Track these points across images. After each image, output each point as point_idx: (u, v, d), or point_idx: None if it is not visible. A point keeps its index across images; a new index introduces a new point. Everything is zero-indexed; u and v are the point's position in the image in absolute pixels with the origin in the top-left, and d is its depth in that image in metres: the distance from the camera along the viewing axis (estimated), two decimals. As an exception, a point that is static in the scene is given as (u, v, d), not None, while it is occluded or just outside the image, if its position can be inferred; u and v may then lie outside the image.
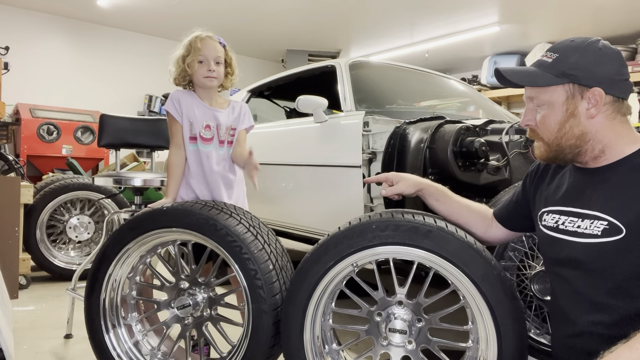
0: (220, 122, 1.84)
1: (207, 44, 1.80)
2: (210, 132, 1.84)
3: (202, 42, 1.79)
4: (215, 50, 1.81)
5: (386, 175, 1.49)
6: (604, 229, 1.05)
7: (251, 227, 1.56)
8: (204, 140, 1.83)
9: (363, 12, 5.06)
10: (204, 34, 1.82)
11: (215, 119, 1.84)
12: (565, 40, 1.14)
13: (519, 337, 1.23)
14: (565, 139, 1.12)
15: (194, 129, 1.82)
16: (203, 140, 1.83)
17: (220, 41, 1.85)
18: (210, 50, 1.80)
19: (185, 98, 1.85)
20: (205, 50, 1.79)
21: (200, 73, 1.79)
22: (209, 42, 1.81)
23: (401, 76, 3.00)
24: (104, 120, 2.75)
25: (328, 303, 1.46)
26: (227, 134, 1.86)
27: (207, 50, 1.79)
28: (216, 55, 1.80)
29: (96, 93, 5.97)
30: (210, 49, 1.80)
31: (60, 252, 3.57)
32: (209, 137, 1.83)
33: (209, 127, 1.84)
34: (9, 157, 3.78)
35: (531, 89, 1.16)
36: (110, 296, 1.70)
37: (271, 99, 3.82)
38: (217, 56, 1.81)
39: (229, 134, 1.87)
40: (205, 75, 1.79)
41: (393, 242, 1.32)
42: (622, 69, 1.10)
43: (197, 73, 1.80)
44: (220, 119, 1.85)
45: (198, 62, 1.79)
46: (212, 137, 1.84)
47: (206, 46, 1.80)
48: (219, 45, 1.83)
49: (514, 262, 1.68)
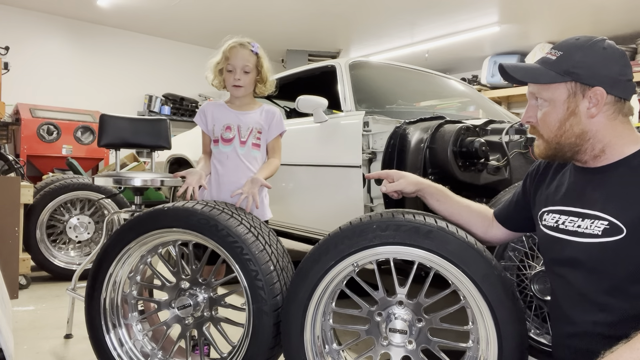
0: (242, 122, 1.88)
1: (236, 52, 1.84)
2: (231, 132, 1.87)
3: (231, 51, 1.84)
4: (243, 59, 1.84)
5: (387, 172, 1.49)
6: (604, 229, 1.05)
7: (252, 227, 1.56)
8: (224, 141, 1.88)
9: (363, 12, 5.06)
10: (236, 42, 1.86)
11: (237, 119, 1.88)
12: (571, 39, 1.14)
13: (519, 337, 1.23)
14: (565, 137, 1.12)
15: (216, 132, 1.89)
16: (224, 141, 1.88)
17: (253, 49, 1.87)
18: (238, 60, 1.83)
19: (211, 108, 1.93)
20: (234, 59, 1.83)
21: (229, 82, 1.86)
22: (238, 50, 1.84)
23: (401, 76, 3.00)
24: (104, 120, 2.75)
25: (328, 303, 1.46)
26: (250, 135, 1.88)
27: (235, 59, 1.83)
28: (244, 64, 1.84)
29: (96, 93, 5.97)
30: (238, 58, 1.83)
31: (60, 252, 3.57)
32: (230, 137, 1.87)
33: (230, 128, 1.88)
34: (9, 157, 3.78)
35: (534, 86, 1.16)
36: (111, 296, 1.70)
37: (271, 99, 3.82)
38: (245, 65, 1.84)
39: (255, 136, 1.88)
40: (232, 84, 1.85)
41: (394, 242, 1.32)
42: (625, 69, 1.10)
43: (227, 81, 1.87)
44: (243, 119, 1.88)
45: (227, 71, 1.85)
46: (233, 137, 1.87)
47: (235, 55, 1.83)
48: (249, 54, 1.86)
49: (514, 262, 1.68)
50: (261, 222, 1.66)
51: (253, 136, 1.88)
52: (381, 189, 1.48)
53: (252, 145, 1.89)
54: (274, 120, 1.93)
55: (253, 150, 1.89)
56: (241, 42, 1.86)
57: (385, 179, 1.48)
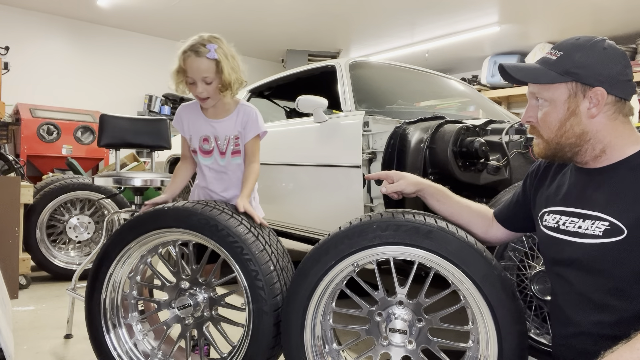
0: (218, 133, 1.78)
1: (191, 63, 1.65)
2: (209, 144, 1.80)
3: (186, 63, 1.66)
4: (199, 70, 1.65)
5: (387, 173, 1.49)
6: (605, 230, 1.05)
7: (252, 227, 1.56)
8: (203, 153, 1.82)
9: (363, 12, 5.06)
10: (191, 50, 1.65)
11: (213, 129, 1.78)
12: (571, 39, 1.14)
13: (519, 337, 1.23)
14: (565, 137, 1.12)
15: (193, 143, 1.82)
16: (203, 154, 1.82)
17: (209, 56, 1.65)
18: (195, 71, 1.66)
19: (187, 113, 1.83)
20: (190, 72, 1.66)
21: (193, 94, 1.71)
22: (194, 61, 1.65)
23: (401, 76, 3.00)
24: (104, 120, 2.76)
25: (328, 303, 1.46)
26: (229, 144, 1.79)
27: (192, 72, 1.66)
28: (202, 76, 1.66)
29: (96, 93, 5.97)
30: (194, 70, 1.65)
31: (60, 252, 3.57)
32: (209, 149, 1.80)
33: (207, 140, 1.80)
34: (9, 157, 3.78)
35: (534, 86, 1.16)
36: (111, 296, 1.70)
37: (271, 99, 3.82)
38: (204, 76, 1.66)
39: (233, 143, 1.79)
40: (195, 96, 1.72)
41: (394, 242, 1.33)
42: (625, 69, 1.10)
43: (191, 92, 1.72)
44: (219, 128, 1.78)
45: (188, 84, 1.70)
46: (212, 149, 1.80)
47: (190, 66, 1.65)
48: (207, 63, 1.65)
49: (514, 262, 1.68)
50: (269, 228, 1.66)
51: (232, 143, 1.78)
52: (381, 189, 1.48)
53: (232, 153, 1.80)
54: (249, 121, 1.77)
55: (234, 158, 1.81)
56: (196, 49, 1.65)
57: (385, 180, 1.48)
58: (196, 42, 1.67)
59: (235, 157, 1.81)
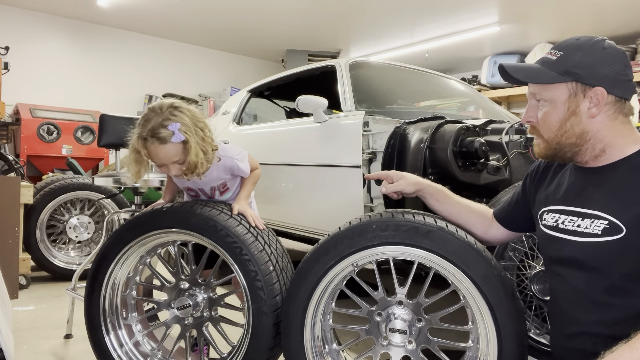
0: (202, 185, 1.70)
1: (156, 152, 1.46)
2: (194, 192, 1.75)
3: (150, 151, 1.47)
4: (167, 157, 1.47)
5: (387, 173, 1.49)
6: (604, 228, 1.05)
7: (252, 228, 1.56)
8: (190, 196, 1.78)
9: (363, 12, 5.06)
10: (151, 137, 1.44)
11: (195, 185, 1.71)
12: (571, 39, 1.14)
13: (519, 337, 1.23)
14: (566, 137, 1.12)
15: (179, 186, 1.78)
16: (190, 196, 1.78)
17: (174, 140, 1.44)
18: (162, 159, 1.48)
19: None
20: (157, 159, 1.49)
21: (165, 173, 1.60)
22: (158, 149, 1.46)
23: (401, 76, 3.00)
24: (104, 120, 2.75)
25: (328, 303, 1.46)
26: (215, 190, 1.73)
27: (158, 159, 1.49)
28: (169, 159, 1.48)
29: (96, 93, 5.97)
30: (161, 158, 1.48)
31: (60, 252, 3.57)
32: (194, 195, 1.76)
33: (192, 190, 1.75)
34: (9, 157, 3.78)
35: (534, 86, 1.16)
36: (110, 296, 1.70)
37: (271, 99, 3.82)
38: (171, 159, 1.48)
39: (221, 188, 1.73)
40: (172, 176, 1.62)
41: (393, 242, 1.32)
42: (625, 69, 1.10)
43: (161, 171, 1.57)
44: (201, 184, 1.70)
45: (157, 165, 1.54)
46: (198, 195, 1.76)
47: (156, 155, 1.48)
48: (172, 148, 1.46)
49: (514, 262, 1.68)
50: (267, 228, 1.66)
51: (218, 189, 1.72)
52: (381, 189, 1.48)
53: (222, 193, 1.74)
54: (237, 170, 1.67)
55: (224, 195, 1.75)
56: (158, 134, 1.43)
57: (384, 180, 1.48)
58: (156, 124, 1.45)
59: (226, 193, 1.76)
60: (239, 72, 6.88)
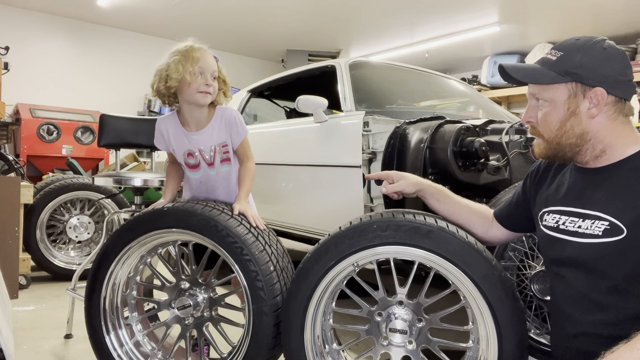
0: (202, 144, 1.70)
1: (205, 56, 1.63)
2: (194, 158, 1.72)
3: (200, 53, 1.62)
4: (213, 64, 1.65)
5: (387, 173, 1.49)
6: (605, 229, 1.05)
7: (252, 228, 1.56)
8: (190, 167, 1.75)
9: (363, 12, 5.06)
10: (199, 45, 1.65)
11: (196, 142, 1.70)
12: (571, 39, 1.14)
13: (519, 337, 1.23)
14: (566, 137, 1.12)
15: (178, 158, 1.76)
16: (190, 168, 1.75)
17: (216, 57, 1.70)
18: (209, 64, 1.63)
19: (166, 125, 1.74)
20: (204, 62, 1.62)
21: (195, 87, 1.61)
22: (206, 54, 1.64)
23: (401, 76, 3.00)
24: (104, 120, 2.75)
25: (329, 303, 1.46)
26: (216, 153, 1.71)
27: (205, 63, 1.62)
28: (213, 70, 1.64)
29: (96, 93, 5.97)
30: (209, 62, 1.63)
31: (60, 252, 3.57)
32: (195, 163, 1.73)
33: (192, 155, 1.72)
34: (9, 157, 3.78)
35: (534, 86, 1.16)
36: (111, 296, 1.70)
37: (271, 99, 3.82)
38: (214, 70, 1.65)
39: (221, 152, 1.71)
40: (200, 90, 1.61)
41: (394, 242, 1.33)
42: (625, 69, 1.10)
43: (191, 86, 1.61)
44: (202, 140, 1.70)
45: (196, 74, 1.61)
46: (199, 162, 1.72)
47: (205, 58, 1.62)
48: (214, 61, 1.67)
49: (514, 262, 1.68)
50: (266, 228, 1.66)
51: (219, 152, 1.70)
52: (381, 190, 1.48)
53: (222, 161, 1.72)
54: (233, 127, 1.71)
55: (224, 166, 1.73)
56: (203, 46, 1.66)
57: (385, 180, 1.48)
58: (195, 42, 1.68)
59: (226, 164, 1.74)
60: (239, 72, 6.88)
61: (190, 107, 1.68)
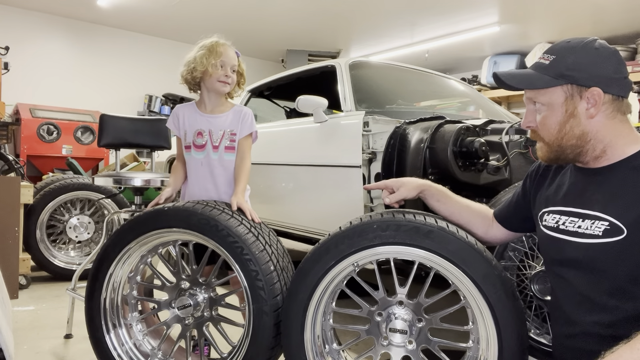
0: (213, 126, 1.84)
1: (227, 50, 1.85)
2: (202, 138, 1.84)
3: (223, 48, 1.84)
4: (234, 58, 1.87)
5: (385, 183, 1.48)
6: (605, 230, 1.05)
7: (252, 228, 1.56)
8: (197, 147, 1.84)
9: (363, 12, 5.06)
10: (223, 41, 1.87)
11: (209, 124, 1.85)
12: (562, 42, 1.15)
13: (519, 337, 1.23)
14: (566, 139, 1.12)
15: (187, 138, 1.86)
16: (196, 148, 1.85)
17: (237, 52, 1.90)
18: (230, 58, 1.85)
19: (184, 112, 1.91)
20: (226, 56, 1.84)
21: (216, 77, 1.82)
22: (228, 49, 1.86)
23: (401, 76, 3.00)
24: (104, 120, 2.75)
25: (329, 303, 1.46)
26: (223, 138, 1.84)
27: (227, 57, 1.84)
28: (233, 64, 1.86)
29: (96, 93, 5.97)
30: (230, 57, 1.85)
31: (60, 252, 3.57)
32: (202, 143, 1.84)
33: (201, 134, 1.85)
34: (9, 157, 3.78)
35: (530, 91, 1.16)
36: (111, 296, 1.70)
37: (271, 99, 3.82)
38: (234, 64, 1.86)
39: (228, 139, 1.84)
40: (220, 79, 1.82)
41: (394, 242, 1.33)
42: (619, 67, 1.10)
43: (212, 76, 1.82)
44: (215, 123, 1.85)
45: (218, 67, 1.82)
46: (205, 142, 1.84)
47: (227, 53, 1.85)
48: (235, 56, 1.89)
49: (514, 262, 1.68)
50: (261, 222, 1.66)
51: (226, 139, 1.84)
52: (384, 201, 1.46)
53: (226, 148, 1.84)
54: (245, 119, 1.88)
55: (227, 153, 1.84)
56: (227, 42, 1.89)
57: (384, 190, 1.48)
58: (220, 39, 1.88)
59: (229, 152, 1.84)
60: (239, 72, 6.88)
61: (210, 94, 1.88)
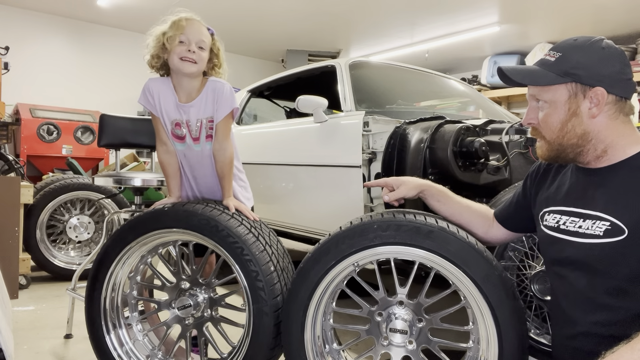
0: (189, 117, 1.66)
1: (192, 24, 1.62)
2: (181, 129, 1.67)
3: (186, 22, 1.61)
4: (199, 33, 1.62)
5: (386, 181, 1.48)
6: (606, 230, 1.05)
7: (253, 228, 1.56)
8: (176, 138, 1.70)
9: (363, 12, 5.06)
10: (190, 15, 1.64)
11: (185, 114, 1.66)
12: (569, 39, 1.14)
13: (519, 337, 1.23)
14: (567, 138, 1.12)
15: (166, 125, 1.70)
16: (176, 139, 1.70)
17: (209, 28, 1.68)
18: (194, 33, 1.61)
19: (157, 87, 1.68)
20: (189, 30, 1.60)
21: (177, 53, 1.58)
22: (194, 23, 1.63)
23: (401, 76, 3.00)
24: (104, 120, 2.75)
25: (329, 303, 1.46)
26: (202, 128, 1.66)
27: (190, 31, 1.60)
28: (200, 39, 1.61)
29: (96, 93, 5.97)
30: (194, 31, 1.61)
31: (60, 252, 3.57)
32: (181, 135, 1.68)
33: (179, 125, 1.67)
34: (9, 157, 3.78)
35: (534, 88, 1.16)
36: (111, 296, 1.70)
37: (271, 99, 3.82)
38: (201, 40, 1.61)
39: (207, 127, 1.66)
40: (182, 56, 1.58)
41: (394, 242, 1.32)
42: (625, 68, 1.10)
43: (173, 53, 1.59)
44: (190, 112, 1.65)
45: (179, 42, 1.59)
46: (184, 135, 1.68)
47: (190, 27, 1.61)
48: (206, 31, 1.65)
49: (514, 262, 1.68)
50: (262, 223, 1.66)
51: (205, 128, 1.65)
52: (384, 198, 1.46)
53: (207, 138, 1.67)
54: (220, 97, 1.64)
55: (208, 143, 1.68)
56: (196, 17, 1.65)
57: (384, 188, 1.47)
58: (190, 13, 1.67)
59: (210, 141, 1.69)
60: (239, 72, 6.88)
61: (178, 76, 1.65)
